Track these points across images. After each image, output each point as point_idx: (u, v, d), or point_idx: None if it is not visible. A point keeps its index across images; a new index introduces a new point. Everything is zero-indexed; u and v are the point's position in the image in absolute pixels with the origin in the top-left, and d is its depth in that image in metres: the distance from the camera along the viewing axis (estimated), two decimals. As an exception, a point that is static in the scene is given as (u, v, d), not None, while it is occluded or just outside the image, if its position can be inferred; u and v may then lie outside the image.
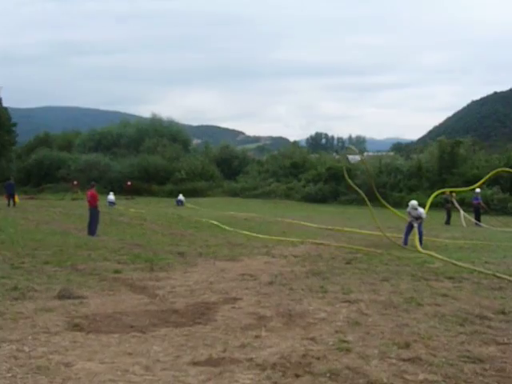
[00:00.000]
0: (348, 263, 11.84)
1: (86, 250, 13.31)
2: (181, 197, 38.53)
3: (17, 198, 31.81)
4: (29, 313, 7.12)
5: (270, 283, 9.44)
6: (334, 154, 79.47)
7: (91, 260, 11.84)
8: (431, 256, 13.08)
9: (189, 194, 46.43)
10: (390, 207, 18.45)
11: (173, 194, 48.06)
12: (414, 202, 16.05)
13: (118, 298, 8.21)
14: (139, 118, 77.64)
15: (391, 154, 65.78)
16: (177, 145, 61.43)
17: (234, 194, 49.70)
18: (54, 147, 63.47)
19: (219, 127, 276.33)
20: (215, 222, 22.14)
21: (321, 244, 15.51)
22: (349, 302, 7.94)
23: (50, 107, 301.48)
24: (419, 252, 13.75)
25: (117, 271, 10.45)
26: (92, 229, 17.29)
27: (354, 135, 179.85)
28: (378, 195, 18.04)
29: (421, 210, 15.85)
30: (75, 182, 46.68)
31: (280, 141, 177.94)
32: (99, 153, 59.21)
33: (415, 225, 15.53)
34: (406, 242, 15.52)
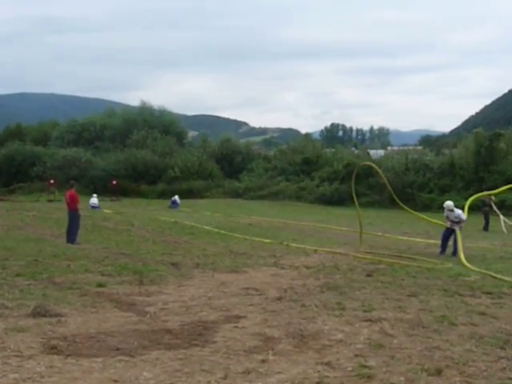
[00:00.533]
0: (369, 275, 11.85)
1: (65, 260, 13.35)
2: (176, 198, 38.56)
3: None
4: (-2, 333, 7.14)
5: (279, 299, 9.44)
6: (353, 148, 79.38)
7: (71, 272, 11.87)
8: (466, 267, 13.03)
9: (184, 194, 46.49)
10: (409, 210, 18.54)
11: (165, 195, 48.11)
12: (449, 203, 16.10)
13: (102, 315, 8.22)
14: (126, 107, 77.95)
15: (419, 148, 65.64)
16: (170, 138, 61.58)
17: (237, 194, 49.78)
18: (27, 140, 63.66)
19: (219, 117, 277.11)
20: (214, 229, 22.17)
21: (337, 253, 15.52)
22: (370, 320, 7.92)
23: (22, 94, 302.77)
24: (463, 265, 13.59)
25: (100, 285, 10.47)
26: (71, 235, 17.32)
27: (375, 126, 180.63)
28: (396, 199, 18.10)
29: (458, 211, 15.91)
30: (52, 181, 46.87)
31: (290, 133, 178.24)
32: (80, 147, 59.46)
33: (457, 229, 15.62)
34: (444, 249, 15.65)
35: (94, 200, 35.37)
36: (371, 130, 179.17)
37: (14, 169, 57.55)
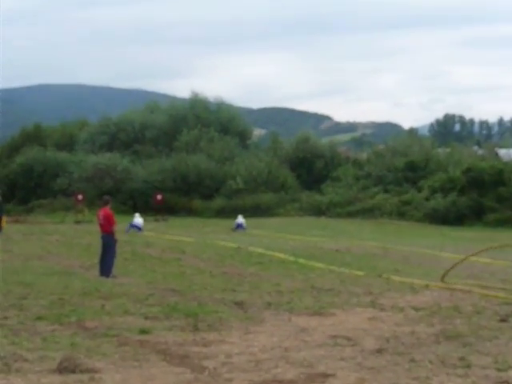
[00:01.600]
0: (503, 321, 11.55)
1: (98, 299, 13.61)
2: (241, 221, 38.89)
3: (4, 221, 32.92)
4: (16, 393, 7.32)
5: (379, 351, 9.33)
6: (475, 147, 77.81)
7: (106, 314, 12.09)
8: None
9: (249, 212, 46.70)
10: None
11: (225, 213, 48.48)
12: None
13: (147, 371, 8.31)
14: (173, 100, 79.06)
15: None
16: (230, 138, 62.10)
17: (318, 211, 49.68)
18: (48, 145, 65.14)
19: (293, 110, 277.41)
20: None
21: (458, 289, 15.20)
22: (507, 382, 7.71)
23: (40, 86, 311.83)
24: None
25: (144, 331, 10.61)
26: (106, 266, 17.68)
27: (506, 117, 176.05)
28: None
29: None
30: (80, 197, 47.96)
31: (388, 128, 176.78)
32: (115, 152, 60.43)
33: None
34: None
35: (139, 220, 35.82)
36: (500, 121, 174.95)
37: (33, 182, 59.10)
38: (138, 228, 34.78)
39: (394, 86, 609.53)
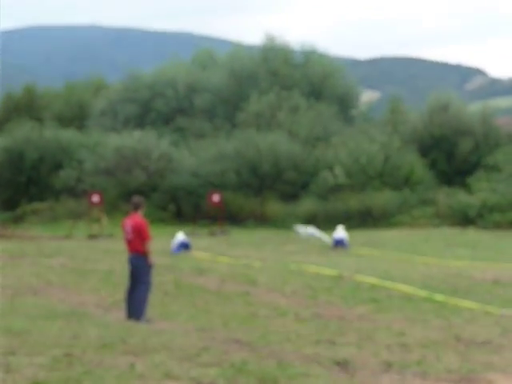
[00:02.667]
0: None
1: (125, 355, 13.69)
2: (342, 236, 38.80)
3: None
4: None
5: None
6: None
7: (137, 377, 12.16)
8: None
9: (356, 219, 46.64)
10: None
11: (316, 222, 48.37)
12: None
13: None
14: (235, 48, 78.91)
15: None
16: (325, 107, 61.83)
17: (465, 219, 49.27)
18: (46, 119, 65.72)
19: (423, 61, 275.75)
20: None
21: None
22: None
23: (34, 29, 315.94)
24: None
25: (195, 405, 10.68)
26: (137, 305, 17.84)
27: None
28: None
29: None
30: (96, 199, 48.40)
31: None
32: (148, 130, 60.36)
33: None
34: None
35: (183, 238, 35.98)
36: None
37: (24, 175, 59.73)
38: (185, 246, 35.01)
39: None
